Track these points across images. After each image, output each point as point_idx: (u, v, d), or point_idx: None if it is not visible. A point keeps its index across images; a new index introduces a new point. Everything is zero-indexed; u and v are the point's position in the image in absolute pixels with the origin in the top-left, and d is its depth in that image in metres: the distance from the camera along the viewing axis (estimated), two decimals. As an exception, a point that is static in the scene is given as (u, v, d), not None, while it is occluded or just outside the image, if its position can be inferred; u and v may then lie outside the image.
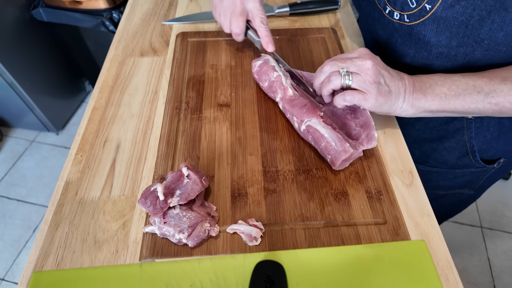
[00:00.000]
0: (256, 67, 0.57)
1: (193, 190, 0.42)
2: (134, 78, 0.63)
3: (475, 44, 0.44)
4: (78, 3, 1.27)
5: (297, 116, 0.50)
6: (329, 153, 0.46)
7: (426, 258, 0.41)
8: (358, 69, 0.44)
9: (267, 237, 0.42)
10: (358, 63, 0.44)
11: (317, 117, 0.48)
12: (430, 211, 0.46)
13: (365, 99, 0.44)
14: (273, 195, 0.46)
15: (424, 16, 0.46)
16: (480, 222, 1.41)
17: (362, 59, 0.45)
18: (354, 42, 0.69)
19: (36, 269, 0.41)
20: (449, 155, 0.62)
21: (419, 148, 0.65)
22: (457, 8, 0.42)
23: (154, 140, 0.53)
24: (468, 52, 0.46)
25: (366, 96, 0.44)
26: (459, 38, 0.45)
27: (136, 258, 0.41)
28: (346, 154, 0.45)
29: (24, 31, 1.40)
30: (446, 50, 0.47)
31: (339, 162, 0.45)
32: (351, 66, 0.45)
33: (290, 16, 0.74)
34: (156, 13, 0.77)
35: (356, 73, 0.44)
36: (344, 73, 0.45)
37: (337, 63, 0.46)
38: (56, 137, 1.73)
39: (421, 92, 0.46)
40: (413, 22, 0.47)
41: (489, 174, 0.65)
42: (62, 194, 0.47)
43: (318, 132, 0.47)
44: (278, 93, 0.53)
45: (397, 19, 0.50)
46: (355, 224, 0.44)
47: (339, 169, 0.47)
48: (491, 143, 0.58)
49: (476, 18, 0.42)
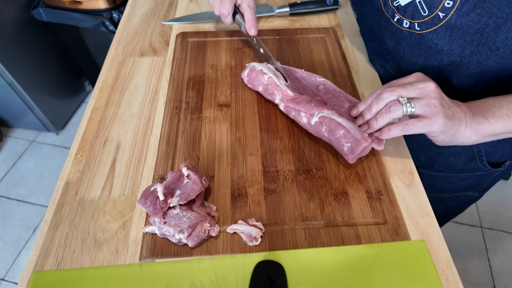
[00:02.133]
0: (245, 77, 0.58)
1: (193, 190, 0.42)
2: (134, 78, 0.63)
3: (489, 52, 0.43)
4: (78, 3, 1.27)
5: (306, 111, 0.48)
6: (348, 141, 0.44)
7: (426, 258, 0.41)
8: (420, 93, 0.41)
9: (267, 237, 0.42)
10: (419, 86, 0.42)
11: (328, 109, 0.47)
12: (430, 211, 0.45)
13: (430, 123, 0.41)
14: (273, 195, 0.46)
15: (437, 25, 0.44)
16: (480, 222, 1.41)
17: (422, 82, 0.42)
18: (354, 42, 0.69)
19: (36, 269, 0.41)
20: (455, 160, 0.61)
21: (424, 154, 0.64)
22: (472, 16, 0.41)
23: (154, 140, 0.53)
24: (481, 60, 0.44)
25: (430, 120, 0.41)
26: (473, 46, 0.43)
27: (136, 258, 0.41)
28: (366, 142, 0.44)
29: (24, 31, 1.40)
30: (459, 59, 0.46)
31: (359, 150, 0.44)
32: (412, 91, 0.42)
33: (290, 16, 0.74)
34: (156, 13, 0.77)
35: (417, 98, 0.41)
36: (405, 101, 0.41)
37: (397, 89, 0.42)
38: (56, 137, 1.73)
39: (482, 116, 0.43)
40: (424, 31, 0.46)
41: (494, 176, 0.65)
42: (62, 194, 0.47)
43: (334, 121, 0.46)
44: (276, 95, 0.53)
45: (407, 27, 0.48)
46: (355, 224, 0.44)
47: (353, 161, 0.46)
48: (497, 146, 0.57)
49: (492, 26, 0.40)
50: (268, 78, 0.54)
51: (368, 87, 0.61)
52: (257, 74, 0.55)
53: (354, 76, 0.62)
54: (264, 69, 0.55)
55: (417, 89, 0.42)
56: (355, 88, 0.60)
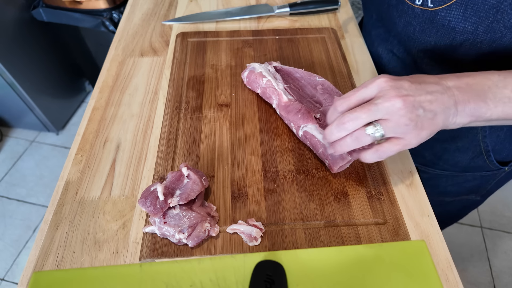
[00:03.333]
0: (245, 78, 0.58)
1: (193, 190, 0.42)
2: (134, 78, 0.63)
3: (504, 29, 0.41)
4: (78, 3, 1.27)
5: (294, 122, 0.49)
6: (327, 158, 0.46)
7: (426, 258, 0.41)
8: (387, 113, 0.35)
9: (267, 237, 0.42)
10: (384, 105, 0.35)
11: (312, 122, 0.47)
12: (430, 211, 0.45)
13: (406, 144, 0.36)
14: (273, 195, 0.46)
15: (451, 0, 0.43)
16: (480, 222, 1.41)
17: (387, 100, 0.35)
18: (354, 42, 0.69)
19: (36, 269, 0.41)
20: (461, 156, 0.60)
21: (430, 150, 0.62)
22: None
23: (154, 140, 0.53)
24: (495, 38, 0.43)
25: (405, 141, 0.36)
26: (488, 23, 0.42)
27: (136, 258, 0.41)
28: (343, 161, 0.44)
29: (24, 31, 1.40)
30: (472, 37, 0.44)
31: (336, 168, 0.45)
32: (377, 114, 0.35)
33: (290, 16, 0.74)
34: (156, 13, 0.77)
35: (384, 119, 0.36)
36: (372, 131, 0.36)
37: (360, 116, 0.36)
38: (56, 137, 1.73)
39: (481, 99, 0.37)
40: (438, 7, 0.45)
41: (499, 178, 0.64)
42: (62, 194, 0.47)
43: (315, 138, 0.47)
44: (273, 100, 0.53)
45: (419, 4, 0.46)
46: (355, 224, 0.44)
47: (338, 171, 0.47)
48: (504, 143, 0.56)
49: (508, 2, 0.39)
50: (266, 82, 0.54)
51: (368, 87, 0.61)
52: (256, 77, 0.55)
53: (354, 76, 0.62)
54: (263, 72, 0.55)
55: (382, 110, 0.35)
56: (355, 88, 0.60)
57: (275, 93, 0.53)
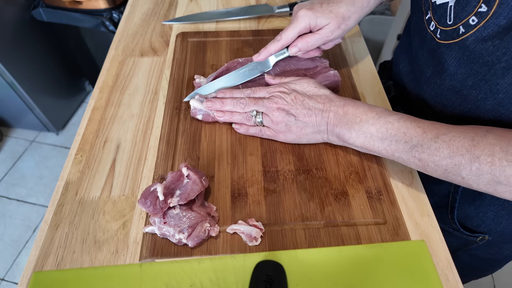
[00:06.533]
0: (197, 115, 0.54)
1: (193, 190, 0.42)
2: (134, 78, 0.63)
3: (489, 93, 0.41)
4: (78, 3, 1.27)
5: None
6: None
7: (426, 258, 0.41)
8: (267, 110, 0.48)
9: (267, 237, 0.42)
10: (266, 105, 0.48)
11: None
12: (430, 211, 0.46)
13: (276, 136, 0.50)
14: (273, 195, 0.46)
15: (454, 39, 0.42)
16: (480, 222, 1.41)
17: (270, 101, 0.48)
18: (354, 42, 0.69)
19: (36, 269, 0.41)
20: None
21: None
22: (488, 44, 0.38)
23: (154, 140, 0.53)
24: (479, 98, 0.42)
25: (275, 133, 0.49)
26: (477, 79, 0.41)
27: (136, 258, 0.41)
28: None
29: (24, 31, 1.40)
30: (459, 86, 0.44)
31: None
32: (261, 107, 0.49)
33: (290, 16, 0.74)
34: (156, 13, 0.77)
35: (265, 113, 0.49)
36: (255, 115, 0.50)
37: (251, 105, 0.49)
38: (56, 137, 1.73)
39: (347, 127, 0.44)
40: (442, 41, 0.44)
41: (464, 249, 0.59)
42: (62, 194, 0.47)
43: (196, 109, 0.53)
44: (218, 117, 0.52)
45: (432, 30, 0.45)
46: (355, 224, 0.44)
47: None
48: (479, 210, 0.52)
49: (503, 65, 0.38)
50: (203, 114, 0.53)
51: (368, 87, 0.61)
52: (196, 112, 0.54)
53: (354, 76, 0.62)
54: (195, 106, 0.53)
55: (265, 107, 0.48)
56: (354, 88, 0.60)
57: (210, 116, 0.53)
